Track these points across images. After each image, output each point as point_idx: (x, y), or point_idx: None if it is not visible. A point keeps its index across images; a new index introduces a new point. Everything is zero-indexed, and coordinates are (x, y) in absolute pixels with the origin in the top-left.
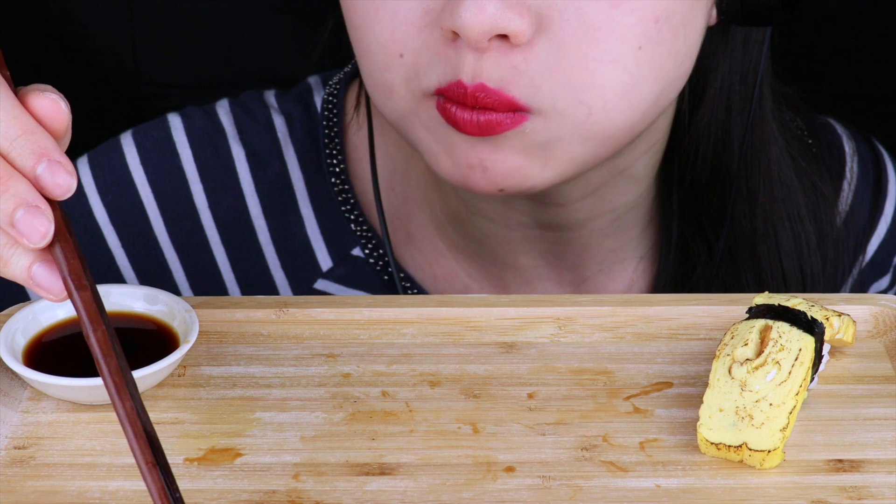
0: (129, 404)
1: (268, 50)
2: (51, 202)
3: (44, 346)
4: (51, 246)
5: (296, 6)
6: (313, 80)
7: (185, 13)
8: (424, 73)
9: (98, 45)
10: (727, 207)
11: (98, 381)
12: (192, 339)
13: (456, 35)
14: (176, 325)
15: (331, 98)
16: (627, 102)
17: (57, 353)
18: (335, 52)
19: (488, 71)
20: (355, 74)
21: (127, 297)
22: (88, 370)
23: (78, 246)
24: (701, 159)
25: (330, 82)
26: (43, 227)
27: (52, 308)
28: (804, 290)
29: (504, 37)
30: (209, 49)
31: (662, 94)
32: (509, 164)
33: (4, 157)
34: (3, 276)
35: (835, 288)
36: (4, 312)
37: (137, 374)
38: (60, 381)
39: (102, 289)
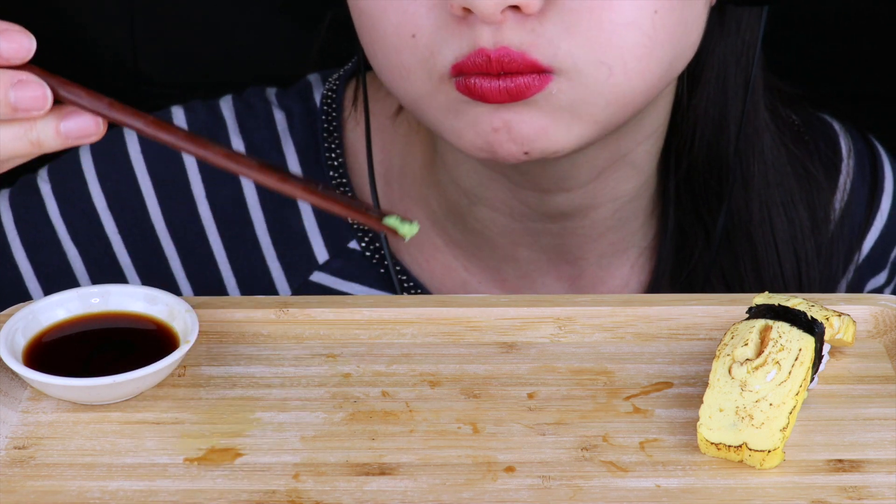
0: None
1: (268, 50)
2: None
3: (44, 346)
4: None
5: (296, 6)
6: (313, 78)
7: (185, 13)
8: (439, 51)
9: (98, 45)
10: (724, 191)
11: (98, 381)
12: (192, 339)
13: (466, 12)
14: (176, 325)
15: (330, 94)
16: (646, 64)
17: (57, 353)
18: (333, 51)
19: (509, 37)
20: (355, 71)
21: (127, 298)
22: (88, 370)
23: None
24: (698, 143)
25: (329, 79)
26: (37, 91)
27: (52, 308)
28: (799, 276)
29: (515, 8)
30: (209, 49)
31: (675, 63)
32: (535, 124)
33: None
34: (43, 152)
35: (830, 279)
36: (4, 312)
37: (137, 374)
38: (60, 381)
39: (101, 289)
